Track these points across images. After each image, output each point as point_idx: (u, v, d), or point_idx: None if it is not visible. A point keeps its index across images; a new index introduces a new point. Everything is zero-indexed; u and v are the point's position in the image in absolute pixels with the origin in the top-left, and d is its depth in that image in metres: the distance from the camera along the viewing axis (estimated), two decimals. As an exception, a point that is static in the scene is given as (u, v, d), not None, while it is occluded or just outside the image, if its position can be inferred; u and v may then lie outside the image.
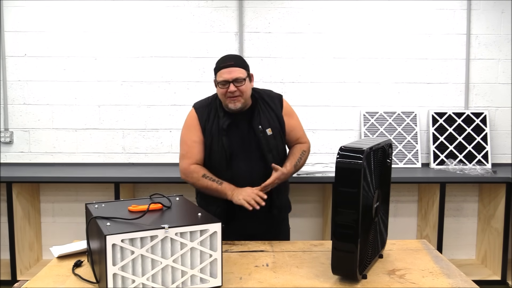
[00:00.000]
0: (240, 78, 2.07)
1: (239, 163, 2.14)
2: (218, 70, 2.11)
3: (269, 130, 2.15)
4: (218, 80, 2.10)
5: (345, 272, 1.55)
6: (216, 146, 2.13)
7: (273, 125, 2.18)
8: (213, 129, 2.14)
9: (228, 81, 2.07)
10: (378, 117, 3.63)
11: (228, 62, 2.10)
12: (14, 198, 3.20)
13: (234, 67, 2.08)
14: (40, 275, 1.63)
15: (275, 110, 2.20)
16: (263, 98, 2.22)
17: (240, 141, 2.15)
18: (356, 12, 3.60)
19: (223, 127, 2.12)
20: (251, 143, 2.15)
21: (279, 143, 2.19)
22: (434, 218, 3.32)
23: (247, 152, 2.14)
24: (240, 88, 2.08)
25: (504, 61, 3.64)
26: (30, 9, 3.53)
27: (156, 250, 1.43)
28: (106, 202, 1.76)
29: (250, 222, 2.14)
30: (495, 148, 3.68)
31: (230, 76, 2.07)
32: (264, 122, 2.16)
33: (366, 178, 1.51)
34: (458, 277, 1.62)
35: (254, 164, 2.14)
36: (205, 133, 2.16)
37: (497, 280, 3.29)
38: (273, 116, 2.19)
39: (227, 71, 2.08)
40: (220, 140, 2.12)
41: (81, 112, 3.60)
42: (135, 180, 3.22)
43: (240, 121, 2.16)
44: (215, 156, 2.14)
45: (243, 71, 2.10)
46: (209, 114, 2.18)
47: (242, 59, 2.18)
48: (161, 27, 3.56)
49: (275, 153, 2.16)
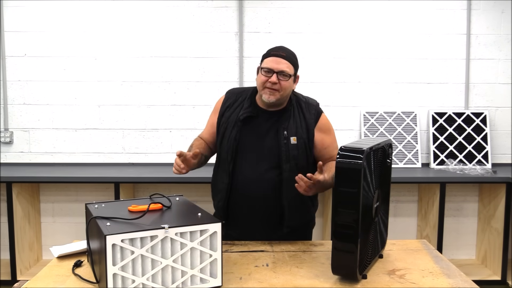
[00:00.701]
0: (286, 72, 1.93)
1: (246, 163, 1.99)
2: (267, 57, 1.97)
3: (294, 139, 1.97)
4: (263, 66, 1.95)
5: (345, 272, 1.55)
6: (227, 136, 2.01)
7: (300, 135, 1.99)
8: (231, 118, 2.02)
9: (273, 71, 1.92)
10: (378, 117, 3.63)
11: (281, 52, 1.96)
12: (14, 198, 3.20)
13: (284, 59, 1.94)
14: (40, 275, 1.63)
15: (308, 120, 2.01)
16: (299, 103, 2.05)
17: (254, 139, 2.00)
18: (356, 12, 3.60)
19: (239, 118, 1.99)
20: (266, 145, 1.98)
21: (301, 155, 1.98)
22: (434, 218, 3.32)
23: (259, 153, 1.99)
24: (282, 83, 1.93)
25: (504, 61, 3.64)
26: (30, 9, 3.53)
27: (156, 250, 1.43)
28: (106, 202, 1.76)
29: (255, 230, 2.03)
30: (495, 148, 3.68)
31: (277, 66, 1.92)
32: (292, 129, 1.98)
33: (366, 178, 1.51)
34: (458, 277, 1.62)
35: (264, 169, 1.98)
36: (221, 120, 2.04)
37: (497, 280, 3.29)
38: (304, 125, 2.00)
39: (275, 60, 1.93)
40: (233, 130, 1.99)
41: (81, 112, 3.60)
42: (135, 180, 3.22)
43: (263, 119, 2.01)
44: (224, 145, 2.02)
45: (292, 68, 1.95)
46: (235, 101, 2.05)
47: (295, 56, 2.01)
48: (161, 27, 3.56)
49: (293, 164, 1.96)
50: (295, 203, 2.00)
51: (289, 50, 2.01)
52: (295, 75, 2.00)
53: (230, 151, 2.00)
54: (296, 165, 1.97)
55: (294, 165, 1.97)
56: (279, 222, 2.02)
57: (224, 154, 2.03)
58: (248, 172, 2.00)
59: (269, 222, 2.03)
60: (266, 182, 1.98)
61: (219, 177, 2.07)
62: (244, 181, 2.00)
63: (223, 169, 2.05)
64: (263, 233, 2.03)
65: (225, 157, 2.02)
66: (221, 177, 2.05)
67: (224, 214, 2.06)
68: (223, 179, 2.04)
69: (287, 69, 1.93)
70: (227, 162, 2.01)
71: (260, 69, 1.99)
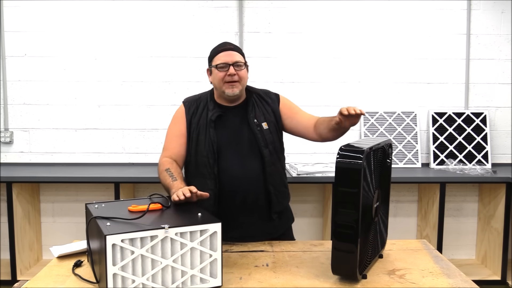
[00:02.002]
0: (240, 62, 2.01)
1: (229, 159, 2.01)
2: (216, 54, 2.03)
3: (265, 124, 2.05)
4: (217, 63, 2.01)
5: (345, 272, 1.55)
6: (202, 140, 2.01)
7: (269, 119, 2.07)
8: (200, 122, 2.05)
9: (228, 64, 1.99)
10: (378, 117, 3.63)
11: (228, 46, 2.04)
12: (14, 198, 3.20)
13: (233, 51, 2.02)
14: (40, 275, 1.63)
15: (271, 105, 2.11)
16: (258, 93, 2.14)
17: (231, 135, 2.03)
18: (356, 12, 3.60)
19: (211, 119, 2.02)
20: (243, 138, 2.03)
21: (275, 139, 2.07)
22: (434, 218, 3.32)
23: (238, 147, 2.02)
24: (239, 73, 2.00)
25: (504, 61, 3.65)
26: (30, 9, 3.53)
27: (156, 250, 1.43)
28: (106, 202, 1.76)
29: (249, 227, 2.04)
30: (495, 148, 3.68)
31: (230, 59, 1.99)
32: (260, 116, 2.06)
33: (366, 178, 1.51)
34: (458, 277, 1.62)
35: (247, 159, 2.01)
36: (191, 127, 2.06)
37: (497, 280, 3.29)
38: (269, 110, 2.09)
39: (227, 54, 2.01)
40: (207, 132, 2.01)
41: (81, 112, 3.60)
42: (135, 180, 3.22)
43: (231, 115, 2.06)
44: (201, 150, 2.01)
45: (242, 58, 2.05)
46: (197, 108, 2.09)
47: (240, 47, 2.12)
48: (161, 27, 3.56)
49: (271, 148, 2.03)
50: (279, 187, 2.07)
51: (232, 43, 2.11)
52: (246, 64, 2.07)
53: (210, 154, 1.99)
54: (274, 149, 2.05)
55: (272, 149, 2.04)
56: (268, 210, 2.05)
57: (204, 159, 2.00)
58: (233, 169, 2.00)
59: (260, 214, 2.04)
60: (252, 173, 2.01)
61: (201, 185, 1.95)
62: (232, 179, 2.00)
63: (203, 175, 2.01)
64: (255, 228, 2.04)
65: (206, 162, 2.00)
66: (204, 184, 1.98)
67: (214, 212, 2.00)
68: (207, 185, 1.98)
69: (240, 59, 2.02)
70: (209, 166, 1.99)
71: (213, 68, 2.04)
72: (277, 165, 2.08)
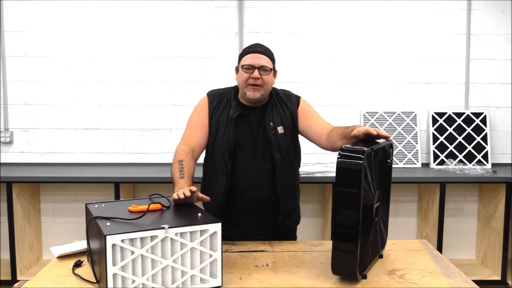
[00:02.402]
0: (266, 67, 1.98)
1: (243, 159, 2.02)
2: (245, 54, 2.01)
3: (281, 128, 2.04)
4: (243, 63, 1.99)
5: (345, 272, 1.55)
6: (221, 136, 2.02)
7: (286, 123, 2.06)
8: (221, 118, 2.04)
9: (254, 67, 1.97)
10: (378, 117, 3.63)
11: (258, 48, 2.01)
12: (14, 198, 3.20)
13: (263, 54, 1.99)
14: (40, 275, 1.63)
15: (290, 108, 2.09)
16: (279, 95, 2.12)
17: (248, 136, 2.03)
18: (356, 12, 3.60)
19: (232, 117, 2.02)
20: (259, 140, 2.03)
21: (289, 143, 2.06)
22: (434, 218, 3.32)
23: (253, 148, 2.03)
24: (264, 77, 1.98)
25: (504, 61, 3.65)
26: (30, 9, 3.53)
27: (156, 250, 1.42)
28: (106, 202, 1.76)
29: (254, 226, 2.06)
30: (495, 148, 3.68)
31: (257, 62, 1.97)
32: (277, 119, 2.05)
33: (367, 178, 1.51)
34: (458, 277, 1.62)
35: (259, 162, 2.02)
36: (212, 121, 2.06)
37: (497, 280, 3.29)
38: (288, 114, 2.08)
39: (255, 56, 1.98)
40: (227, 129, 2.01)
41: (81, 112, 3.60)
42: (135, 180, 3.22)
43: (252, 115, 2.06)
44: (218, 145, 2.03)
45: (271, 62, 2.02)
46: (220, 102, 2.08)
47: (272, 51, 2.07)
48: (161, 27, 3.56)
49: (284, 153, 2.04)
50: (288, 191, 2.08)
51: (265, 46, 2.08)
52: (274, 69, 2.05)
53: (226, 151, 2.01)
54: (287, 153, 2.06)
55: (285, 153, 2.05)
56: (275, 212, 2.07)
57: (220, 155, 2.03)
58: (245, 169, 2.02)
59: (266, 215, 2.06)
60: (263, 175, 2.02)
61: (214, 179, 2.06)
62: (243, 179, 2.02)
63: (217, 170, 2.04)
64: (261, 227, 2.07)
65: (221, 158, 2.02)
66: (216, 179, 2.04)
67: (221, 215, 2.05)
68: (219, 180, 2.04)
69: (267, 64, 2.00)
70: (224, 162, 2.01)
71: (239, 67, 2.03)
72: (289, 169, 2.08)
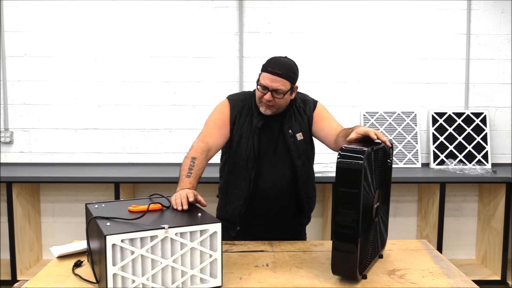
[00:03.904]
0: (280, 91, 1.96)
1: (265, 166, 2.06)
2: (264, 71, 1.99)
3: (300, 135, 2.07)
4: (260, 81, 2.00)
5: (345, 272, 1.55)
6: (244, 144, 2.04)
7: (304, 129, 2.09)
8: (244, 126, 2.06)
9: (268, 89, 1.97)
10: (378, 117, 3.63)
11: (276, 69, 1.96)
12: (14, 198, 3.20)
13: (280, 77, 1.96)
14: (40, 275, 1.63)
15: (308, 113, 2.11)
16: (297, 102, 2.13)
17: (270, 144, 2.07)
18: (356, 12, 3.60)
19: (257, 126, 2.03)
20: (280, 147, 2.07)
21: (308, 148, 2.11)
22: (434, 218, 3.32)
23: (275, 155, 2.07)
24: (276, 100, 1.98)
25: (504, 61, 3.65)
26: (30, 9, 3.53)
27: (156, 250, 1.42)
28: (106, 202, 1.76)
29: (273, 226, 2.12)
30: (495, 148, 3.68)
31: (271, 84, 1.95)
32: (295, 126, 2.07)
33: (367, 178, 1.51)
34: (458, 277, 1.62)
35: (280, 168, 2.06)
36: (234, 128, 2.06)
37: (497, 280, 3.29)
38: (305, 120, 2.10)
39: (271, 78, 1.95)
40: (251, 138, 2.04)
41: (81, 112, 3.60)
42: (135, 180, 3.22)
43: (273, 123, 2.08)
44: (241, 153, 2.05)
45: (287, 84, 1.98)
46: (242, 109, 2.08)
47: (293, 70, 2.01)
48: (161, 27, 3.56)
49: (305, 158, 2.08)
50: (310, 193, 2.17)
51: (287, 63, 2.01)
52: (292, 88, 2.01)
53: (250, 159, 2.04)
54: (307, 159, 2.12)
55: (305, 159, 2.10)
56: (294, 215, 2.15)
57: (243, 162, 2.05)
58: (267, 176, 2.07)
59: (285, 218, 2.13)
60: (284, 182, 2.08)
61: (235, 185, 2.10)
62: (264, 186, 2.07)
63: (240, 177, 2.08)
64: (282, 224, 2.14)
65: (244, 165, 2.05)
66: (238, 184, 2.09)
67: (240, 220, 2.10)
68: (240, 187, 2.08)
69: (282, 87, 1.96)
70: (247, 170, 2.05)
71: (257, 83, 2.02)
72: (309, 173, 2.16)
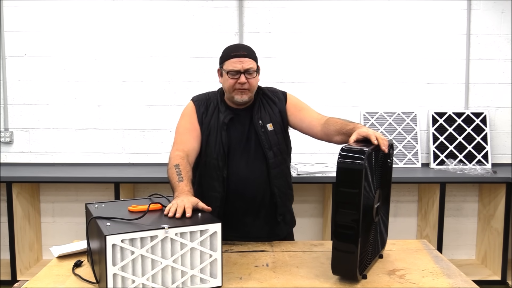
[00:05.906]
0: (251, 69, 1.96)
1: (238, 161, 2.00)
2: (228, 59, 1.97)
3: (270, 126, 2.02)
4: (228, 69, 1.97)
5: (345, 272, 1.55)
6: (213, 142, 2.01)
7: (275, 120, 2.04)
8: (211, 123, 2.03)
9: (240, 72, 1.94)
10: (378, 117, 3.63)
11: (241, 51, 1.97)
12: (14, 198, 3.20)
13: (246, 57, 1.96)
14: (40, 275, 1.63)
15: (278, 104, 2.07)
16: (265, 93, 2.11)
17: (240, 138, 2.02)
18: (356, 12, 3.60)
19: (224, 121, 2.00)
20: (251, 140, 2.02)
21: (281, 140, 2.04)
22: (434, 218, 3.32)
23: (246, 149, 2.01)
24: (250, 80, 1.96)
25: (504, 61, 3.64)
26: (30, 9, 3.53)
27: (156, 250, 1.42)
28: (106, 202, 1.76)
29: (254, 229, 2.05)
30: (495, 148, 3.68)
31: (242, 66, 1.94)
32: (265, 116, 2.03)
33: (367, 178, 1.51)
34: (458, 277, 1.62)
35: (253, 162, 2.00)
36: (202, 127, 2.03)
37: (497, 280, 3.29)
38: (276, 111, 2.06)
39: (238, 61, 1.95)
40: (219, 135, 2.00)
41: (81, 112, 3.60)
42: (135, 180, 3.22)
43: (241, 117, 2.04)
44: (211, 151, 2.00)
45: (254, 64, 1.99)
46: (207, 108, 2.06)
47: (253, 50, 2.04)
48: (161, 27, 3.56)
49: (276, 150, 2.02)
50: (284, 189, 2.07)
51: (245, 45, 2.07)
52: (258, 68, 2.03)
53: (220, 156, 1.99)
54: (279, 150, 2.04)
55: (277, 150, 2.03)
56: (273, 212, 2.06)
57: (214, 161, 2.00)
58: (240, 172, 2.00)
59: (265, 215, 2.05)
60: (258, 175, 2.01)
61: (209, 187, 2.03)
62: (238, 182, 2.00)
63: (212, 177, 2.02)
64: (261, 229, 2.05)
65: (215, 164, 2.00)
66: (212, 186, 2.02)
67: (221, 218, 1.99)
68: (214, 188, 2.01)
69: (252, 65, 1.97)
70: (219, 168, 1.99)
71: (224, 72, 2.00)
72: (283, 167, 2.07)
